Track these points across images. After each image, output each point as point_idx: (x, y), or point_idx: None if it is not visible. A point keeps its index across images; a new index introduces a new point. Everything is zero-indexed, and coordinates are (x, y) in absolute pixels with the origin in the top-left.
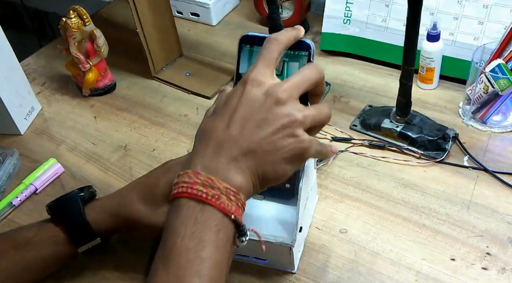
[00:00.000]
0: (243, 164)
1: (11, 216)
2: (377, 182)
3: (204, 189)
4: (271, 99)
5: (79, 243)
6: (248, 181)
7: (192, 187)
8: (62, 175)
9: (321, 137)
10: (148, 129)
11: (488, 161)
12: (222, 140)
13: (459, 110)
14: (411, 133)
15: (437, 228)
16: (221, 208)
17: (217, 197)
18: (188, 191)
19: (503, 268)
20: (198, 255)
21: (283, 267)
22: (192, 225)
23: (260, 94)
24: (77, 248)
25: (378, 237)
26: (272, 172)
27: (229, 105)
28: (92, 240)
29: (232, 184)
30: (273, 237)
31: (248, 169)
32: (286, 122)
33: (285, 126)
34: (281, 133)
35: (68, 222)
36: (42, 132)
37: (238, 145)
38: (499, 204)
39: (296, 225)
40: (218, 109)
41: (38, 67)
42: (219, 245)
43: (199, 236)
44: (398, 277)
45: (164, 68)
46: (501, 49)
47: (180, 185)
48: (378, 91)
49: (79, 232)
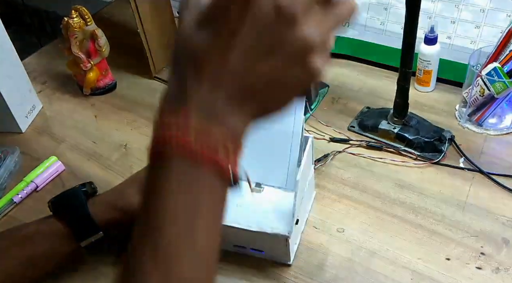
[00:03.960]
0: (244, 103)
1: (12, 213)
2: (374, 182)
3: (199, 140)
4: (284, 17)
5: (81, 237)
6: (247, 122)
7: (185, 138)
8: (63, 173)
9: (319, 138)
10: (148, 128)
11: (484, 162)
12: (219, 72)
13: (456, 112)
14: (408, 135)
15: (433, 228)
16: (219, 164)
17: (214, 150)
18: (179, 142)
19: (497, 268)
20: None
21: (279, 259)
22: (185, 192)
23: (269, 9)
24: (79, 243)
25: (374, 237)
26: (273, 108)
27: (227, 20)
28: (94, 234)
29: (231, 130)
30: (270, 228)
31: (249, 109)
32: (300, 49)
33: (297, 54)
34: (292, 62)
35: (70, 215)
36: (43, 130)
37: (240, 80)
38: (494, 205)
39: (292, 216)
40: (210, 22)
41: (39, 66)
42: (216, 211)
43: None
44: (394, 276)
45: (164, 68)
46: (497, 53)
47: (169, 132)
48: (376, 93)
49: (82, 226)
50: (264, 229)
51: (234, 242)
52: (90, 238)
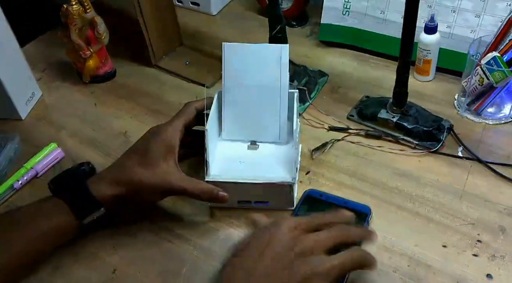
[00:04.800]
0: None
1: (12, 199)
2: (373, 171)
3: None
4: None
5: (83, 214)
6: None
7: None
8: (63, 159)
9: (318, 127)
10: (148, 116)
11: (482, 151)
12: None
13: (455, 102)
14: (407, 124)
15: (430, 216)
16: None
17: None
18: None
19: (493, 255)
20: None
21: (283, 207)
22: None
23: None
24: (81, 220)
25: (372, 224)
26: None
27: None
28: (96, 211)
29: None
30: (275, 178)
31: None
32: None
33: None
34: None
35: (71, 193)
36: (43, 118)
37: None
38: (491, 193)
39: (294, 164)
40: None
41: (38, 54)
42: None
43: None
44: (391, 262)
45: (164, 57)
46: (497, 42)
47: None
48: (375, 83)
49: (83, 203)
50: (270, 180)
51: (239, 198)
52: (92, 215)
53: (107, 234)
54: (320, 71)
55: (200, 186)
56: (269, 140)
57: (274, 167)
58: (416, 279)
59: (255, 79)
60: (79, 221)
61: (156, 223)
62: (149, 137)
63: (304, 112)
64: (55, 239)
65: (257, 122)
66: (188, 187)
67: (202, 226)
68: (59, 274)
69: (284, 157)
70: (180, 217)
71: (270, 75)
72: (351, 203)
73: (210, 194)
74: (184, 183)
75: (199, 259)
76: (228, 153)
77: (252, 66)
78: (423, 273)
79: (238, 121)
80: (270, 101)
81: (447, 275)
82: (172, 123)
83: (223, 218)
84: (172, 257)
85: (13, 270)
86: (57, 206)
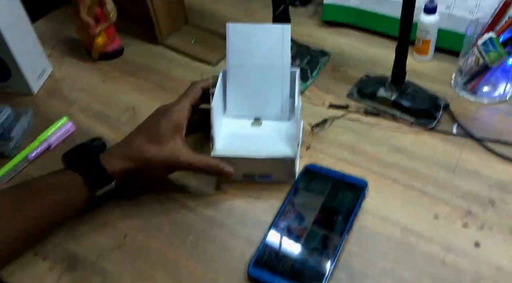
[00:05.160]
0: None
1: (26, 170)
2: (371, 147)
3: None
4: None
5: (96, 186)
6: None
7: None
8: (74, 133)
9: (318, 104)
10: (155, 93)
11: (476, 129)
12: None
13: (452, 81)
14: (404, 102)
15: (424, 189)
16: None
17: None
18: None
19: (482, 226)
20: None
21: (285, 180)
22: None
23: None
24: (94, 192)
25: (369, 196)
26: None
27: None
28: (108, 184)
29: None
30: (278, 152)
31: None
32: None
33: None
34: None
35: (84, 167)
36: (54, 93)
37: None
38: (483, 168)
39: (296, 140)
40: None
41: (49, 30)
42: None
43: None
44: (385, 231)
45: (170, 35)
46: (493, 24)
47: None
48: (375, 62)
49: (96, 176)
50: (273, 154)
51: (244, 172)
52: (104, 188)
53: (117, 204)
54: (322, 51)
55: (206, 161)
56: (272, 117)
57: (277, 142)
58: (408, 247)
59: (258, 58)
60: (91, 193)
61: (164, 194)
62: (158, 116)
63: (305, 90)
64: (69, 209)
65: (260, 100)
66: (195, 162)
67: (208, 198)
68: (73, 239)
69: (286, 133)
70: (186, 189)
71: (272, 55)
72: (349, 176)
73: (216, 168)
74: (191, 158)
75: (204, 228)
76: (232, 129)
77: (255, 45)
78: (415, 241)
79: (242, 99)
80: (272, 80)
81: (437, 243)
82: (180, 102)
83: (228, 190)
84: (178, 225)
85: (30, 237)
86: (72, 178)
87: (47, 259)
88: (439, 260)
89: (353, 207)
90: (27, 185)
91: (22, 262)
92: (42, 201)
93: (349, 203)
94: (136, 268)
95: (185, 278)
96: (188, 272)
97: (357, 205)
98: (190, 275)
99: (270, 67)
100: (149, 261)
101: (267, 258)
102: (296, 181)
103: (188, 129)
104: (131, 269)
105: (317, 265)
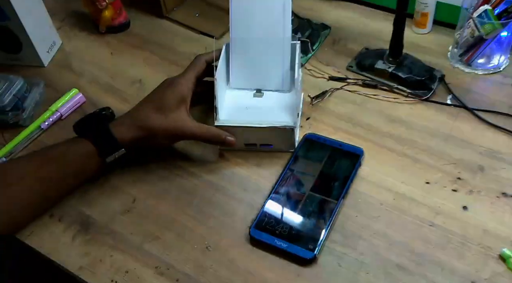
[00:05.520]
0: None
1: (40, 138)
2: (367, 117)
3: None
4: None
5: (106, 153)
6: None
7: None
8: (84, 104)
9: (319, 76)
10: (161, 65)
11: (469, 99)
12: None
13: (448, 53)
14: (401, 74)
15: (417, 157)
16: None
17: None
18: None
19: (471, 190)
20: None
21: (285, 149)
22: None
23: None
24: (104, 158)
25: (364, 164)
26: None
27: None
28: (117, 151)
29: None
30: (278, 122)
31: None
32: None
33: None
34: None
35: (95, 135)
36: (64, 65)
37: None
38: (474, 137)
39: (296, 110)
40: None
41: (57, 3)
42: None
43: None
44: (379, 196)
45: (175, 8)
46: None
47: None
48: (375, 35)
49: (106, 144)
50: (273, 123)
51: (246, 141)
52: (114, 154)
53: (126, 171)
54: (323, 24)
55: (210, 130)
56: (273, 89)
57: (278, 113)
58: (400, 210)
59: (260, 31)
60: (102, 159)
61: (170, 162)
62: (164, 87)
63: (306, 63)
64: (83, 174)
65: (262, 72)
66: (198, 132)
67: (211, 165)
68: (86, 202)
69: (287, 104)
70: (191, 157)
71: (274, 28)
72: (346, 145)
73: (219, 138)
74: (195, 128)
75: (208, 192)
76: (235, 100)
77: (257, 18)
78: (406, 205)
79: (244, 71)
80: (274, 52)
81: (427, 206)
82: (185, 75)
83: (230, 158)
84: (184, 190)
85: (47, 199)
86: (84, 146)
87: (62, 220)
88: (429, 222)
89: (350, 173)
90: (44, 152)
91: (39, 224)
92: (58, 167)
93: (346, 169)
94: (145, 230)
95: (190, 238)
96: (194, 233)
97: (353, 171)
98: (195, 236)
99: (271, 40)
100: (157, 223)
101: (267, 221)
102: (296, 150)
103: (193, 100)
104: (140, 230)
105: (314, 227)
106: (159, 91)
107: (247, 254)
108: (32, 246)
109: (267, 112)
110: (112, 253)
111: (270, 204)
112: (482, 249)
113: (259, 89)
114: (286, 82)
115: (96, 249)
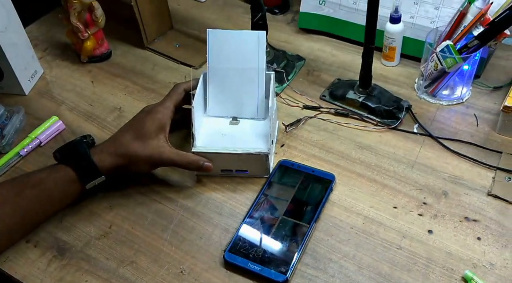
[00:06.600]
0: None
1: (19, 165)
2: (339, 144)
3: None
4: None
5: (87, 180)
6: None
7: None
8: (64, 131)
9: (293, 105)
10: (141, 94)
11: (434, 128)
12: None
13: (415, 85)
14: (370, 104)
15: (385, 182)
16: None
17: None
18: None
19: (435, 215)
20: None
21: (260, 174)
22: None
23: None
24: (84, 185)
25: (335, 189)
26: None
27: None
28: (97, 177)
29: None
30: (253, 149)
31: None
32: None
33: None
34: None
35: (76, 162)
36: (45, 93)
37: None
38: (439, 164)
39: (270, 137)
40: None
41: (40, 34)
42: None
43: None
44: (349, 220)
45: (156, 39)
46: (451, 32)
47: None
48: (346, 67)
49: (87, 171)
50: (248, 150)
51: (222, 167)
52: (94, 181)
53: (104, 195)
54: (298, 56)
55: (188, 157)
56: (248, 116)
57: (253, 140)
58: (369, 234)
59: (236, 62)
60: (82, 185)
61: (148, 187)
62: (143, 115)
63: (281, 92)
64: (61, 201)
65: (238, 100)
66: (177, 159)
67: (188, 190)
68: (62, 227)
69: (261, 131)
70: (169, 183)
71: (249, 59)
72: (318, 171)
73: (196, 164)
74: (173, 155)
75: (184, 217)
76: (212, 128)
77: (233, 50)
78: (375, 229)
79: (221, 100)
80: (249, 82)
81: (395, 230)
82: (164, 103)
83: (207, 183)
84: (160, 215)
85: (26, 226)
86: (65, 173)
87: (38, 246)
88: (396, 246)
89: (321, 198)
90: (24, 179)
91: (15, 249)
92: (38, 194)
93: (318, 194)
94: (120, 255)
95: (165, 262)
96: (169, 257)
97: (325, 196)
98: (171, 260)
99: (247, 70)
100: (132, 247)
101: (242, 245)
102: (270, 175)
103: (171, 127)
104: (115, 255)
105: (287, 251)
106: (138, 119)
107: (222, 277)
108: (8, 272)
109: (242, 139)
110: (87, 278)
111: (245, 228)
112: (446, 271)
113: (235, 117)
114: (261, 111)
115: (71, 274)
